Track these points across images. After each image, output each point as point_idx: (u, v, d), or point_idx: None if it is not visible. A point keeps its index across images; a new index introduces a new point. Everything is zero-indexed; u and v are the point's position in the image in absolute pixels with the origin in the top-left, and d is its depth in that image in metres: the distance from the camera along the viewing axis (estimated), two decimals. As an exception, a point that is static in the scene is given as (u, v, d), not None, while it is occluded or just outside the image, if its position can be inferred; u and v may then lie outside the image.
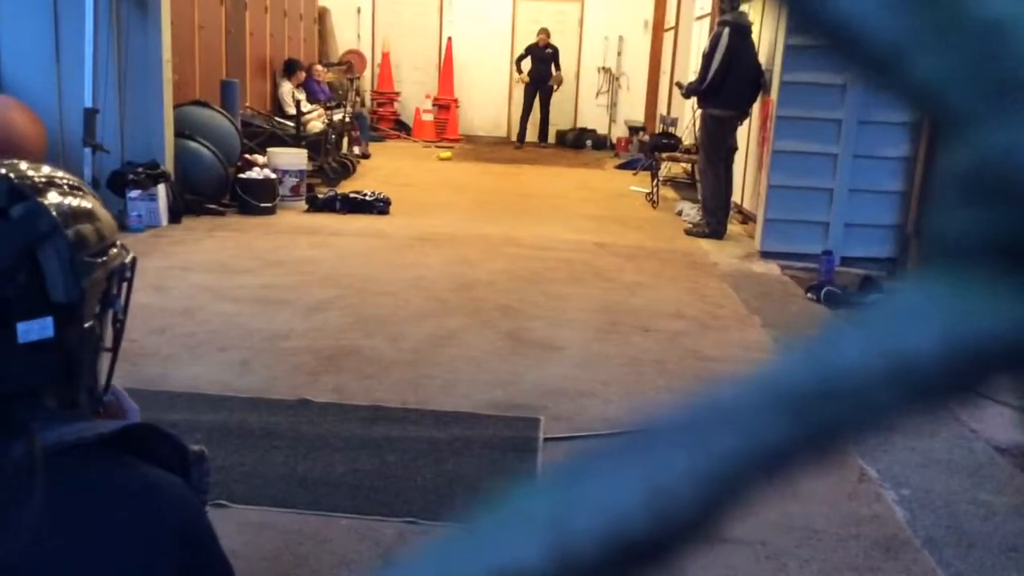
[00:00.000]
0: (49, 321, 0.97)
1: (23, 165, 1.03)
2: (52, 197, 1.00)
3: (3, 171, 0.99)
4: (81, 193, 1.06)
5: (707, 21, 9.95)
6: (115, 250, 1.09)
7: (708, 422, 0.24)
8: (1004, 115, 0.23)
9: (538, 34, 14.10)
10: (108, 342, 1.12)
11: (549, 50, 13.96)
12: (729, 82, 7.45)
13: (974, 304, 0.24)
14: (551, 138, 14.70)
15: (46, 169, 1.06)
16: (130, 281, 1.13)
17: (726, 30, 7.43)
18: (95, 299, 1.04)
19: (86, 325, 1.03)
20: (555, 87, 14.23)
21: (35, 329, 0.97)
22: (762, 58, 7.74)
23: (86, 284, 1.01)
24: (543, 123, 14.38)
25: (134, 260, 1.13)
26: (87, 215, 1.04)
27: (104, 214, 1.08)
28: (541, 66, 14.02)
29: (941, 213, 0.25)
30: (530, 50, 14.03)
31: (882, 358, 0.24)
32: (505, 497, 0.24)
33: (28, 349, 0.97)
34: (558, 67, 14.15)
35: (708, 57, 7.55)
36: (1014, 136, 0.23)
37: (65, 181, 1.05)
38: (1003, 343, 0.23)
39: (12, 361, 0.97)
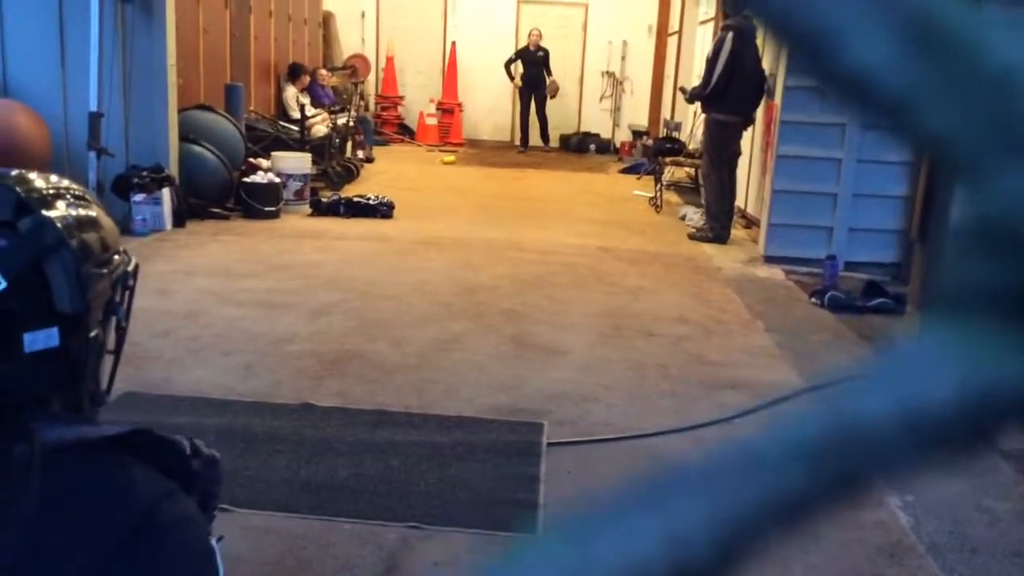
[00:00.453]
0: (55, 331, 1.00)
1: (30, 176, 1.05)
2: (58, 209, 1.02)
3: (10, 184, 1.01)
4: (86, 203, 1.07)
5: (711, 25, 9.96)
6: (119, 258, 1.11)
7: (727, 471, 0.24)
8: (1012, 166, 0.23)
9: (529, 35, 14.04)
10: (111, 345, 1.13)
11: (540, 53, 13.82)
12: (733, 87, 7.45)
13: (987, 354, 0.24)
14: (554, 141, 14.69)
15: (52, 179, 1.07)
16: (133, 288, 1.15)
17: (729, 35, 7.44)
18: (99, 308, 1.06)
19: (91, 334, 1.05)
20: (550, 95, 14.10)
21: (41, 339, 0.99)
22: (766, 63, 7.74)
23: (91, 295, 1.03)
24: (542, 126, 14.32)
25: (136, 267, 1.15)
26: (92, 225, 1.06)
27: (108, 222, 1.10)
28: (532, 69, 13.89)
29: (952, 262, 0.25)
30: (520, 54, 13.92)
31: (898, 408, 0.24)
32: (521, 549, 0.24)
33: (34, 358, 0.99)
34: (549, 70, 13.96)
35: (712, 62, 7.55)
36: (1021, 186, 0.23)
37: (71, 191, 1.07)
38: (1017, 393, 0.24)
39: (18, 370, 0.99)
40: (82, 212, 1.05)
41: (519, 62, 13.95)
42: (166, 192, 6.95)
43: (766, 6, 0.26)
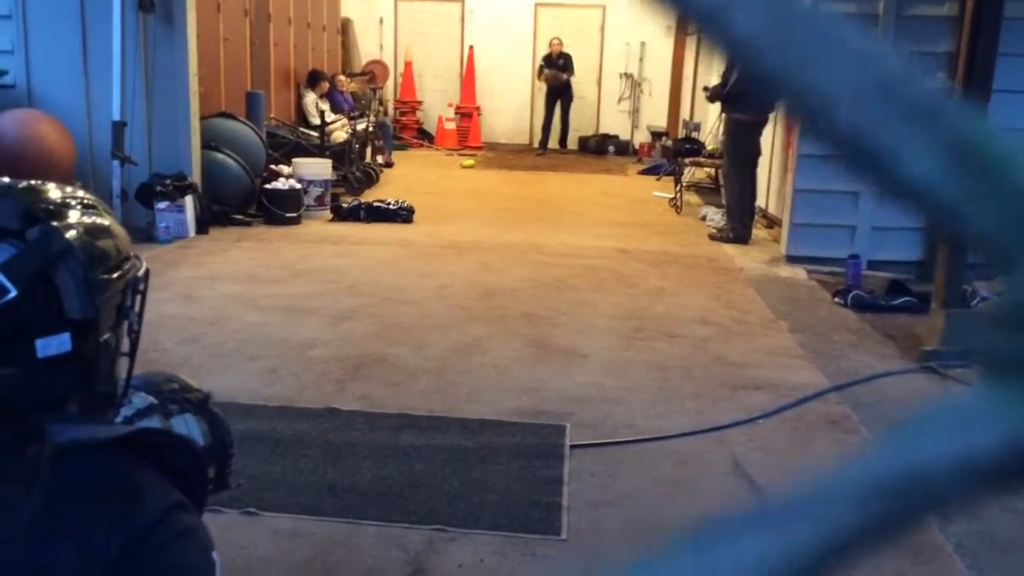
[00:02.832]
0: (66, 336, 1.03)
1: (41, 186, 1.08)
2: (67, 218, 1.05)
3: (18, 195, 1.04)
4: (96, 211, 1.10)
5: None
6: (129, 264, 1.13)
7: (792, 510, 0.27)
8: None
9: (550, 44, 14.24)
10: (125, 349, 1.16)
11: (562, 60, 14.08)
12: (752, 87, 7.41)
13: None
14: (572, 144, 14.69)
15: (65, 189, 1.10)
16: (144, 292, 1.17)
17: None
18: (111, 312, 1.09)
19: (103, 338, 1.07)
20: (546, 80, 14.20)
21: (53, 344, 1.02)
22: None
23: (100, 301, 1.05)
24: (563, 130, 14.45)
25: (147, 272, 1.18)
26: (101, 232, 1.09)
27: (119, 229, 1.13)
28: (557, 75, 14.20)
29: (994, 335, 0.30)
30: (546, 60, 14.19)
31: (953, 454, 0.28)
32: (647, 564, 0.27)
33: (47, 363, 1.02)
34: (572, 72, 14.25)
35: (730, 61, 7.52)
36: None
37: (81, 200, 1.10)
38: None
39: (33, 375, 1.02)
40: (91, 220, 1.08)
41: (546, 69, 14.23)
42: (189, 199, 7.01)
43: (834, 130, 0.29)
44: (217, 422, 1.40)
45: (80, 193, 1.12)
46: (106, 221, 1.11)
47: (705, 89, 8.84)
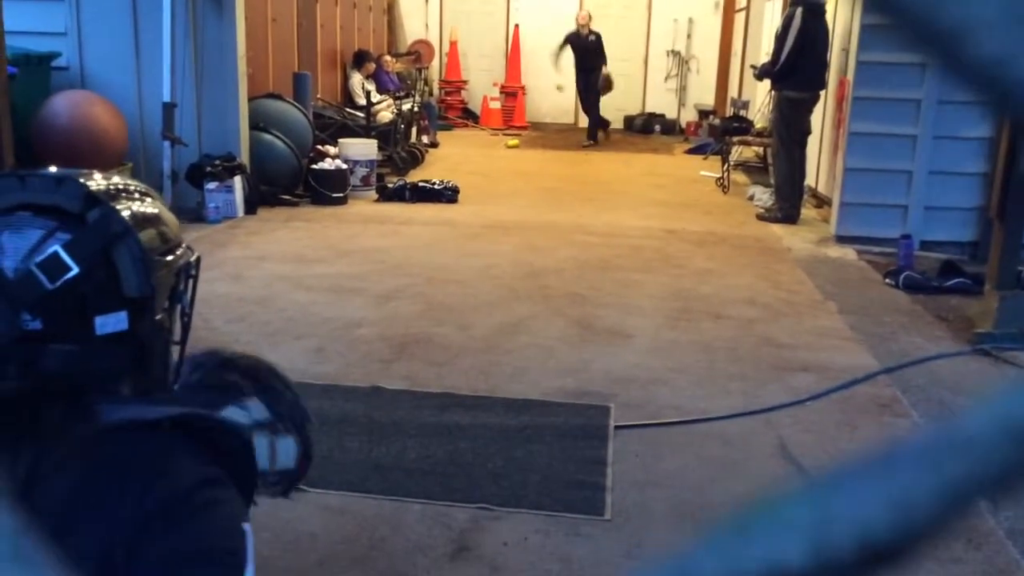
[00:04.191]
0: (124, 315, 1.06)
1: (97, 175, 1.12)
2: (124, 202, 1.09)
3: (80, 180, 1.08)
4: (150, 198, 1.15)
5: (779, 1, 9.75)
6: (181, 250, 1.17)
7: (944, 448, 0.28)
8: None
9: (577, 18, 12.59)
10: (177, 336, 1.19)
11: (592, 37, 12.35)
12: (803, 63, 7.31)
13: None
14: (617, 123, 14.41)
15: (115, 178, 1.15)
16: (195, 278, 1.21)
17: (799, 10, 7.28)
18: (164, 294, 1.13)
19: (157, 318, 1.11)
20: (602, 90, 12.63)
21: (111, 322, 1.05)
22: (837, 37, 7.56)
23: (155, 280, 1.09)
24: (591, 121, 12.90)
25: (198, 259, 1.22)
26: (155, 219, 1.13)
27: (170, 217, 1.17)
28: (585, 55, 12.42)
29: None
30: (570, 39, 12.38)
31: None
32: (768, 503, 0.28)
33: (105, 341, 1.05)
34: (604, 59, 12.44)
35: (781, 39, 7.40)
36: None
37: (135, 188, 1.15)
38: None
39: (91, 352, 1.05)
40: (145, 206, 1.12)
41: (569, 48, 12.40)
42: (238, 180, 7.10)
43: (902, 9, 0.27)
44: (308, 447, 1.43)
45: (133, 182, 1.16)
46: (158, 208, 1.15)
47: (753, 67, 8.72)
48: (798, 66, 7.32)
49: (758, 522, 0.27)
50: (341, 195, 7.87)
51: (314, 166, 7.91)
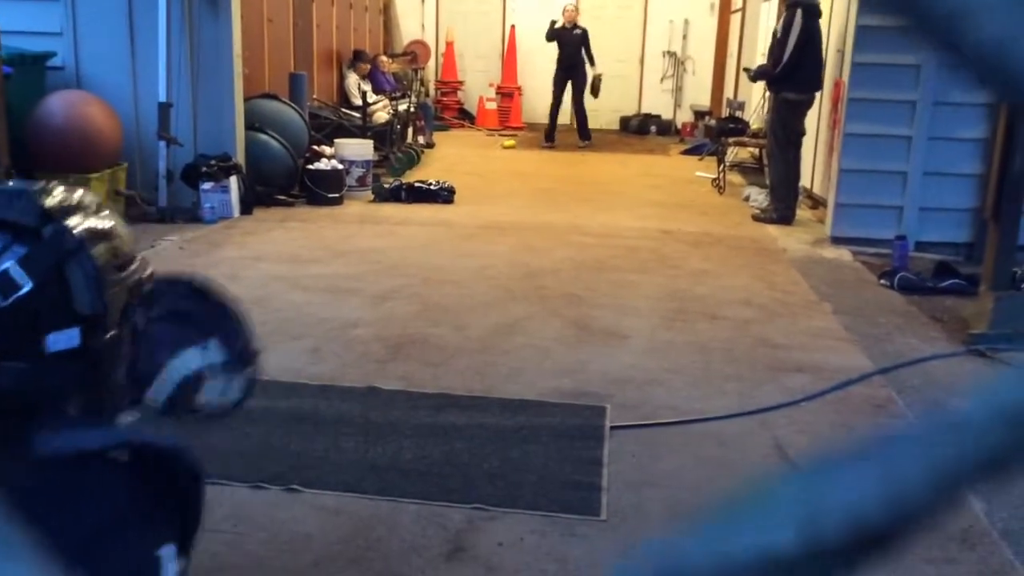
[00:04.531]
0: (76, 332, 1.05)
1: (54, 187, 1.12)
2: (78, 217, 1.09)
3: (35, 194, 1.08)
4: (103, 214, 1.14)
5: (775, 2, 9.76)
6: (135, 264, 1.16)
7: (937, 431, 0.28)
8: None
9: (564, 11, 12.20)
10: (129, 353, 1.18)
11: (577, 31, 12.09)
12: (803, 65, 7.33)
13: None
14: (613, 124, 14.44)
15: (73, 192, 1.14)
16: (150, 294, 1.19)
17: (799, 11, 7.29)
18: (117, 310, 1.12)
19: (109, 335, 1.10)
20: (592, 91, 12.30)
21: (63, 339, 1.05)
22: (833, 38, 7.58)
23: (108, 297, 1.08)
24: (580, 120, 12.51)
25: (151, 274, 1.20)
26: (108, 234, 1.12)
27: (125, 232, 1.16)
28: (570, 50, 12.08)
29: None
30: (557, 33, 12.11)
31: None
32: (757, 488, 0.28)
33: (56, 358, 1.05)
34: (590, 56, 12.12)
35: (782, 40, 7.39)
36: None
37: (90, 201, 1.14)
38: None
39: (42, 369, 1.04)
40: (100, 220, 1.12)
41: (555, 43, 12.19)
42: (233, 180, 7.09)
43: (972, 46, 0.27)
44: (254, 382, 1.44)
45: (89, 196, 1.16)
46: (112, 223, 1.14)
47: (747, 70, 8.70)
48: (799, 67, 7.34)
49: (746, 508, 0.27)
50: (337, 195, 7.86)
51: (310, 166, 7.90)
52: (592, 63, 12.26)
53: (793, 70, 7.34)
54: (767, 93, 8.36)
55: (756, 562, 0.26)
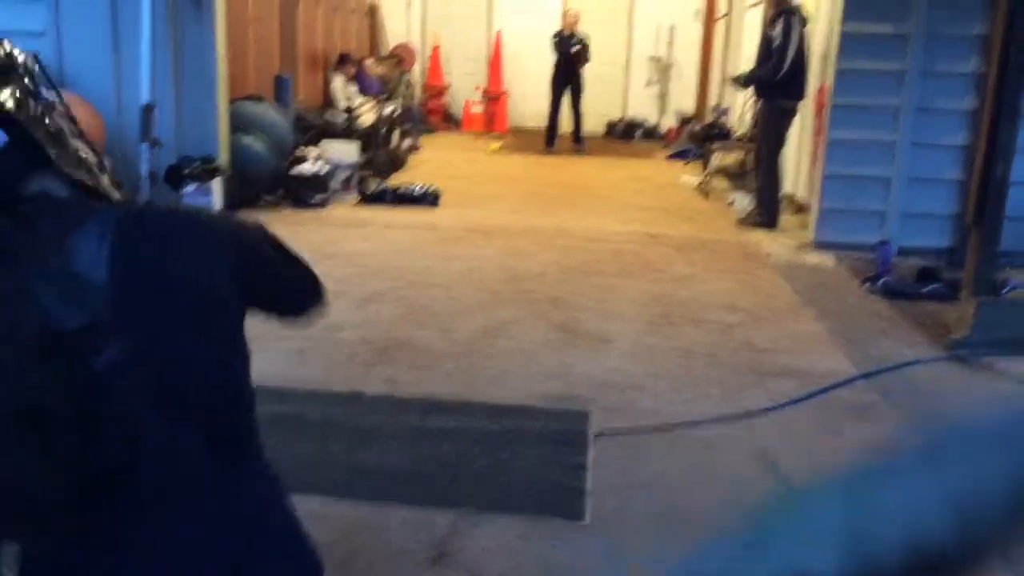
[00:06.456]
0: None
1: None
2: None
3: None
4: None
5: (760, 9, 9.81)
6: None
7: (1018, 431, 0.26)
8: None
9: (564, 16, 12.26)
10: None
11: (576, 46, 12.21)
12: (799, 72, 7.39)
13: None
14: (599, 128, 14.46)
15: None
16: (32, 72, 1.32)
17: (795, 17, 7.33)
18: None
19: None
20: (580, 59, 12.15)
21: None
22: (818, 45, 7.62)
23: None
24: (576, 124, 12.67)
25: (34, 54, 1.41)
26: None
27: None
28: (567, 60, 12.25)
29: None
30: (558, 41, 12.25)
31: None
32: (794, 501, 0.25)
33: None
34: (587, 58, 12.32)
35: (782, 47, 7.38)
36: None
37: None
38: None
39: None
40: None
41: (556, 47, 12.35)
42: (217, 182, 7.05)
43: None
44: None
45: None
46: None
47: (737, 78, 8.64)
48: (796, 74, 7.38)
49: (782, 525, 0.25)
50: (322, 198, 7.84)
51: (294, 169, 7.88)
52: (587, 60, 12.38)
53: (792, 76, 7.39)
54: (752, 100, 8.39)
55: None
